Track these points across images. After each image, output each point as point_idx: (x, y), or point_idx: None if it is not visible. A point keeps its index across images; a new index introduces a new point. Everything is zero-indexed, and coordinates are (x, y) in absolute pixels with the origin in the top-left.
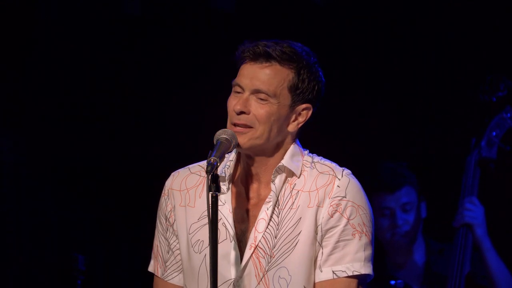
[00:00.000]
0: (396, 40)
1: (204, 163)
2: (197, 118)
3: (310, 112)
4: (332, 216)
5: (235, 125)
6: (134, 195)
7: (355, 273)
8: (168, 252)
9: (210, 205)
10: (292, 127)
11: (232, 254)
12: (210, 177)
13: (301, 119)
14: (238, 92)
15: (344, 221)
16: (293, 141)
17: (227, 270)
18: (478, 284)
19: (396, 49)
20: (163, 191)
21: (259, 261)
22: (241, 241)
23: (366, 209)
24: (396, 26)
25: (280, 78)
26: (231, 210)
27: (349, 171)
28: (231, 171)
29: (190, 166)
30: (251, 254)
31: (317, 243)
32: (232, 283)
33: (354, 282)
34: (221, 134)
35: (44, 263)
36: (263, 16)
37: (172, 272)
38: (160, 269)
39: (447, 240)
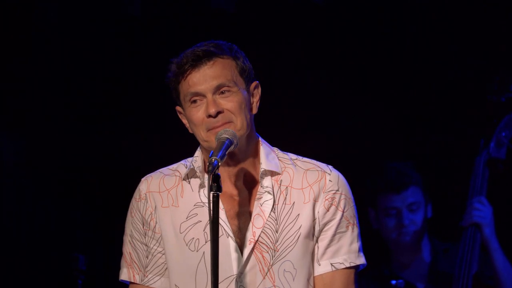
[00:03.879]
0: (402, 39)
1: (174, 166)
2: None
3: (260, 88)
4: (328, 210)
5: (213, 128)
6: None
7: (352, 264)
8: (147, 257)
9: (212, 205)
10: (254, 108)
11: (232, 250)
12: (211, 177)
13: (257, 98)
14: (196, 101)
15: (339, 214)
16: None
17: (229, 266)
18: (484, 284)
19: (402, 48)
20: (137, 197)
21: (263, 256)
22: (237, 237)
23: (353, 201)
24: (400, 25)
25: (228, 67)
26: (222, 208)
27: (332, 166)
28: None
29: (161, 169)
30: (252, 249)
31: (314, 237)
32: (234, 279)
33: (352, 272)
34: (222, 134)
35: (44, 263)
36: (263, 16)
37: (154, 276)
38: (138, 275)
39: (451, 239)
